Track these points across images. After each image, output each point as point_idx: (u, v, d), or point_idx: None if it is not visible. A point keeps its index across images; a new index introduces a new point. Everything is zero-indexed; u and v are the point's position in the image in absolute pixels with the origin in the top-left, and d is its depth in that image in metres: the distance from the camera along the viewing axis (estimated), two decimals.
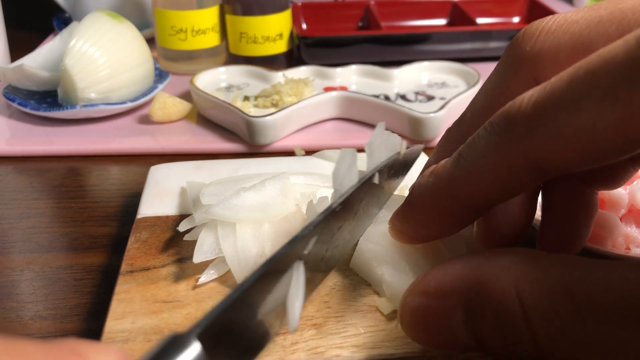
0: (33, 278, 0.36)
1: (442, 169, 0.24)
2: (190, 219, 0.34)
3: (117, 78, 0.54)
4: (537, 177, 0.22)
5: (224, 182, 0.35)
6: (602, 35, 0.23)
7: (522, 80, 0.26)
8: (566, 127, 0.19)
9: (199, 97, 0.54)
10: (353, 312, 0.28)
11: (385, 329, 0.27)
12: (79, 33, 0.53)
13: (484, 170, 0.22)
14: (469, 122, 0.28)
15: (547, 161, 0.21)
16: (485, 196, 0.23)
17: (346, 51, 0.65)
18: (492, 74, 0.27)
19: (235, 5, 0.63)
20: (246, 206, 0.32)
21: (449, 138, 0.29)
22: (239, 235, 0.31)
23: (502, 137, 0.21)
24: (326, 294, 0.30)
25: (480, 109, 0.27)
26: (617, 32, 0.23)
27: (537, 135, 0.20)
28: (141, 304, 0.29)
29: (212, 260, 0.31)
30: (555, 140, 0.20)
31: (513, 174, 0.22)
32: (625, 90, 0.18)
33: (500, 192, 0.23)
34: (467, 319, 0.22)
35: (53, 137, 0.52)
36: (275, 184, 0.33)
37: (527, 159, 0.21)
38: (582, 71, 0.19)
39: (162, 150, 0.51)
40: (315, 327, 0.28)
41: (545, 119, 0.20)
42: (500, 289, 0.21)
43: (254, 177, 0.36)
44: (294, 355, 0.26)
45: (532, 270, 0.21)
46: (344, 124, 0.54)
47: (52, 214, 0.43)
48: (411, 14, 0.75)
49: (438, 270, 0.23)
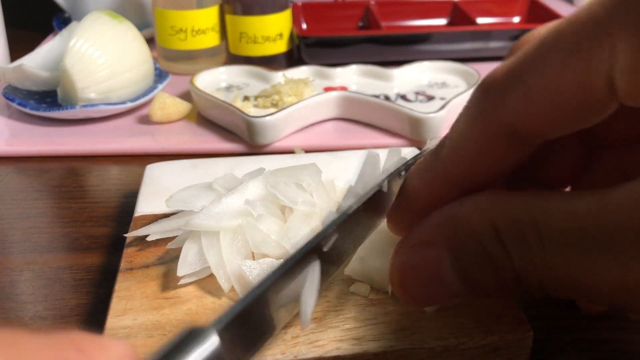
0: (32, 278, 0.36)
1: (431, 154, 0.25)
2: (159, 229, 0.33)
3: (117, 78, 0.54)
4: (517, 144, 0.22)
5: (195, 188, 0.35)
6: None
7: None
8: (534, 88, 0.20)
9: (198, 97, 0.54)
10: (352, 306, 0.29)
11: (385, 322, 0.28)
12: (78, 33, 0.53)
13: (468, 144, 0.23)
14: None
15: (521, 124, 0.21)
16: (474, 173, 0.23)
17: (346, 51, 0.65)
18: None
19: (235, 5, 0.62)
20: (229, 213, 0.32)
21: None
22: (223, 244, 0.31)
23: (480, 107, 0.22)
24: (325, 288, 0.30)
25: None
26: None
27: (509, 99, 0.21)
28: (142, 301, 0.29)
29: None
30: (525, 102, 0.21)
31: (493, 142, 0.22)
32: (587, 46, 0.19)
33: (487, 166, 0.23)
34: (455, 260, 0.22)
35: (53, 137, 0.52)
36: (258, 185, 0.33)
37: (504, 125, 0.21)
38: (550, 33, 0.20)
39: (161, 150, 0.51)
40: (315, 321, 0.28)
41: (516, 82, 0.21)
42: (479, 223, 0.22)
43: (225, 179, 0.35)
44: (295, 349, 0.26)
45: (502, 204, 0.21)
46: (344, 124, 0.54)
47: (52, 214, 0.43)
48: (411, 14, 0.75)
49: (418, 225, 0.24)
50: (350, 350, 0.26)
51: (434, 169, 0.24)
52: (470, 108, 0.23)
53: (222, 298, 0.30)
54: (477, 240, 0.22)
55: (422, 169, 0.25)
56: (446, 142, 0.24)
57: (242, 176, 0.35)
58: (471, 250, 0.22)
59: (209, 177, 0.37)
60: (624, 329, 0.31)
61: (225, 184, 0.34)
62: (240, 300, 0.20)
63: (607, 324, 0.31)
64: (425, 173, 0.25)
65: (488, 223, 0.21)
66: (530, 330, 0.27)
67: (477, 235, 0.22)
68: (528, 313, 0.28)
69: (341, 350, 0.26)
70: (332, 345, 0.26)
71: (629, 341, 0.30)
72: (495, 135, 0.22)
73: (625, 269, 0.18)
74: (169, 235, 0.33)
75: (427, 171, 0.25)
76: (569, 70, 0.19)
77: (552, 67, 0.20)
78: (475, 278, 0.22)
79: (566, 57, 0.19)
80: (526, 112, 0.21)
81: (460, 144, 0.23)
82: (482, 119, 0.22)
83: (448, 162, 0.24)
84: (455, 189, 0.24)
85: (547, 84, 0.20)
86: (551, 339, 0.30)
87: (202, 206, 0.33)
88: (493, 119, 0.22)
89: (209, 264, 0.30)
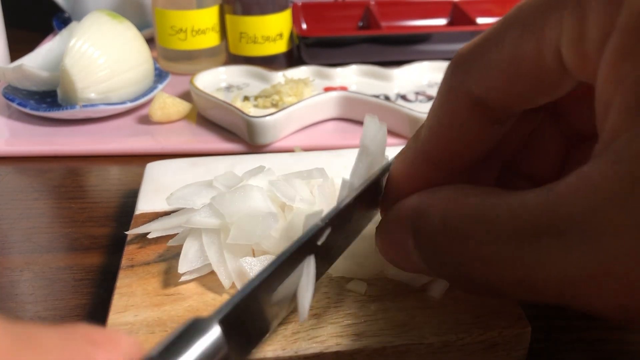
0: (32, 278, 0.36)
1: (412, 137, 0.26)
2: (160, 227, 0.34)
3: (117, 78, 0.54)
4: (485, 117, 0.23)
5: (195, 185, 0.35)
6: None
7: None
8: (494, 61, 0.21)
9: (198, 97, 0.54)
10: (352, 302, 0.29)
11: (385, 318, 0.28)
12: (78, 33, 0.53)
13: (442, 120, 0.24)
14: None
15: (485, 96, 0.22)
16: (452, 151, 0.24)
17: (346, 51, 0.65)
18: None
19: (235, 5, 0.63)
20: (229, 210, 0.31)
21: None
22: (224, 242, 0.31)
23: (449, 83, 0.23)
24: (325, 284, 0.30)
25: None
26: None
27: (473, 71, 0.22)
28: (143, 297, 0.29)
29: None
30: (487, 74, 0.22)
31: (463, 116, 0.23)
32: (539, 20, 0.20)
33: (463, 143, 0.24)
34: (416, 243, 0.23)
35: (53, 137, 0.52)
36: (258, 183, 0.33)
37: (470, 96, 0.23)
38: (512, 9, 0.21)
39: (161, 150, 0.51)
40: (315, 317, 0.28)
41: (479, 56, 0.22)
42: (432, 215, 0.23)
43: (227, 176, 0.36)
44: (296, 345, 0.26)
45: (456, 199, 0.22)
46: (344, 124, 0.54)
47: (52, 214, 0.43)
48: (411, 14, 0.75)
49: (403, 199, 0.25)
50: (350, 345, 0.26)
51: (415, 150, 0.25)
52: (442, 85, 0.24)
53: (222, 295, 0.30)
54: (430, 232, 0.23)
55: (404, 152, 0.26)
56: (426, 122, 0.25)
57: (242, 174, 0.35)
58: (425, 239, 0.23)
59: (209, 175, 0.37)
60: (624, 329, 0.31)
61: (225, 182, 0.34)
62: (240, 292, 0.21)
63: (607, 324, 0.31)
64: (407, 156, 0.26)
65: (439, 217, 0.22)
66: (528, 325, 0.27)
67: (430, 227, 0.23)
68: (528, 313, 0.28)
69: (341, 346, 0.26)
70: (332, 341, 0.27)
71: (629, 341, 0.30)
72: (463, 108, 0.23)
73: (570, 259, 0.18)
74: (169, 233, 0.33)
75: (408, 154, 0.26)
76: (523, 43, 0.20)
77: (509, 41, 0.21)
78: (430, 264, 0.23)
79: (521, 32, 0.20)
80: (488, 84, 0.22)
81: (435, 122, 0.24)
82: (451, 94, 0.23)
83: (426, 141, 0.25)
84: (438, 169, 0.25)
85: (505, 57, 0.21)
86: (551, 339, 0.30)
87: (203, 204, 0.33)
88: (460, 92, 0.23)
89: (210, 261, 0.30)
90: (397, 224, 0.25)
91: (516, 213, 0.19)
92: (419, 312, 0.28)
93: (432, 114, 0.24)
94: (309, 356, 0.26)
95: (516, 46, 0.21)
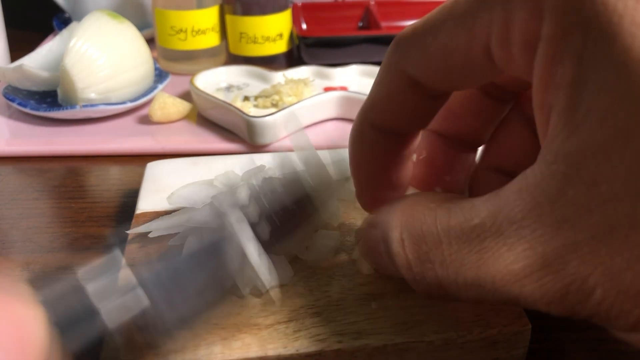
0: (32, 278, 0.36)
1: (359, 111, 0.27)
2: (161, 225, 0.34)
3: (117, 78, 0.54)
4: (420, 93, 0.25)
5: (196, 185, 0.35)
6: None
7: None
8: (429, 47, 0.23)
9: (199, 97, 0.54)
10: (353, 300, 0.29)
11: (385, 316, 0.28)
12: (78, 33, 0.53)
13: (381, 92, 0.26)
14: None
15: (419, 76, 0.24)
16: (392, 119, 0.26)
17: (346, 51, 0.65)
18: None
19: (235, 5, 0.63)
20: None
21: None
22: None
23: (390, 59, 0.25)
24: (326, 283, 0.30)
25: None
26: None
27: (410, 53, 0.24)
28: None
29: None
30: (422, 57, 0.23)
31: (399, 89, 0.25)
32: (470, 19, 0.21)
33: (400, 112, 0.26)
34: (385, 248, 0.25)
35: (53, 137, 0.52)
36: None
37: (406, 75, 0.24)
38: (448, 2, 0.23)
39: (162, 150, 0.51)
40: (316, 315, 0.28)
41: (417, 40, 0.24)
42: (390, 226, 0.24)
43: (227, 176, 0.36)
44: (297, 343, 0.26)
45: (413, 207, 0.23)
46: (344, 124, 0.54)
47: (52, 214, 0.43)
48: (411, 14, 0.75)
49: (385, 205, 0.26)
50: (351, 344, 0.26)
51: (360, 119, 0.27)
52: (383, 61, 0.26)
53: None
54: (387, 242, 0.24)
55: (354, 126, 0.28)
56: (369, 92, 0.26)
57: (242, 173, 0.35)
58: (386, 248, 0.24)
59: (210, 175, 0.37)
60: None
61: (226, 181, 0.34)
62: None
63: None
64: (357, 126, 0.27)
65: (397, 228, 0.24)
66: (528, 323, 0.27)
67: (387, 237, 0.24)
68: (528, 313, 0.28)
69: (342, 344, 0.26)
70: (333, 339, 0.27)
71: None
72: (399, 84, 0.25)
73: (511, 257, 0.19)
74: (170, 232, 0.33)
75: (358, 124, 0.27)
76: (456, 37, 0.22)
77: (444, 32, 0.22)
78: (399, 268, 0.24)
79: (455, 26, 0.22)
80: (422, 67, 0.24)
81: (376, 93, 0.26)
82: (389, 71, 0.25)
83: (368, 109, 0.27)
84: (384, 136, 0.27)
85: (439, 46, 0.23)
86: (551, 339, 0.30)
87: (204, 203, 0.33)
88: (397, 70, 0.25)
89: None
90: (372, 229, 0.26)
91: (467, 217, 0.21)
92: (419, 310, 0.28)
93: (373, 87, 0.26)
94: (310, 354, 0.26)
95: (450, 38, 0.22)
